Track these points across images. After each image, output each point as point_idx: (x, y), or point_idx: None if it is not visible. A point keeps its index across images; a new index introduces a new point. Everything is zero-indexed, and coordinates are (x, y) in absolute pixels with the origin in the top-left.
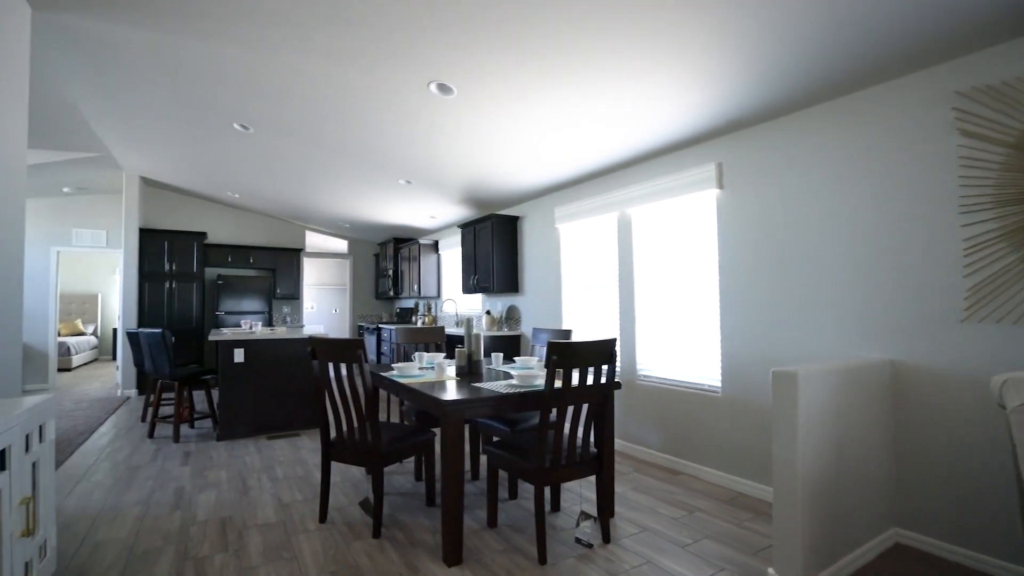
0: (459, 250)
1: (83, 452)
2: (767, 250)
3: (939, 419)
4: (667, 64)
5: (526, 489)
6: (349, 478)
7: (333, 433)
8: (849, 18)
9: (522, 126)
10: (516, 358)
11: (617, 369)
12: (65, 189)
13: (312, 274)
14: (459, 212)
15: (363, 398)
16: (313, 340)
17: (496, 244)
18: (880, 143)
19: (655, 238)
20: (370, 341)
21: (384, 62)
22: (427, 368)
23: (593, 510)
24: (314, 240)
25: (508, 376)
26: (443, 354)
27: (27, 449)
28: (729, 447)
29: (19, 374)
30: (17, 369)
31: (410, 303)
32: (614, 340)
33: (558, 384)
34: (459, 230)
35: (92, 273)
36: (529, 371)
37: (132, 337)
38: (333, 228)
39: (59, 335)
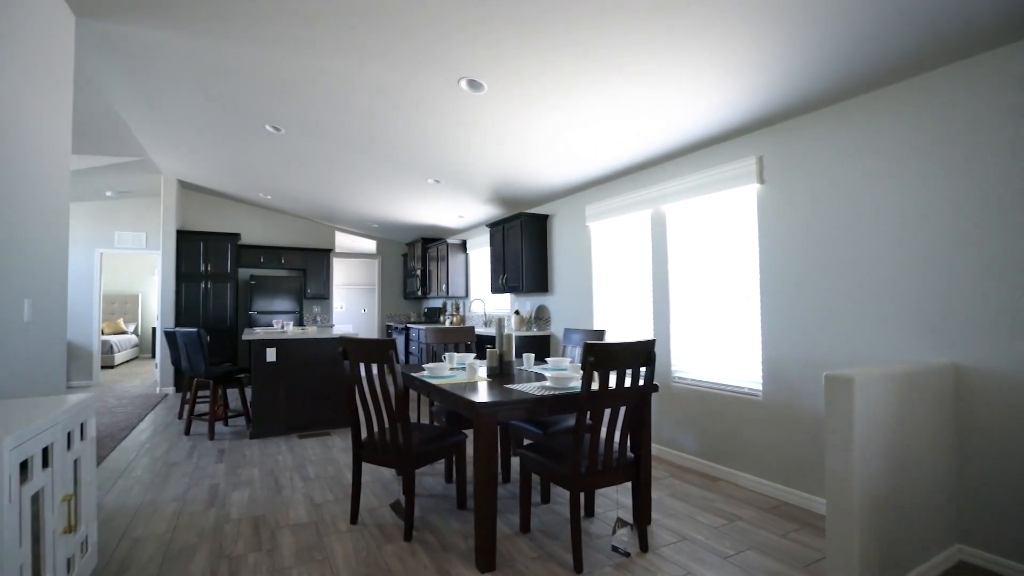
0: (487, 249)
1: (124, 448)
2: (812, 247)
3: (1008, 428)
4: (705, 55)
5: (558, 493)
6: (379, 478)
7: (364, 434)
8: None
9: (554, 123)
10: (548, 359)
11: None
12: (108, 193)
13: (341, 274)
14: (487, 211)
15: (394, 399)
16: (344, 340)
17: (525, 243)
18: (942, 130)
19: (691, 235)
20: (398, 341)
21: (415, 59)
22: (458, 369)
23: (629, 517)
24: (343, 241)
25: (540, 377)
26: (473, 354)
27: (69, 447)
28: (771, 453)
29: (64, 372)
30: (62, 367)
31: (438, 303)
32: (653, 341)
33: (595, 386)
34: (487, 229)
35: (133, 274)
36: (563, 372)
37: (169, 336)
38: (362, 228)
39: (103, 334)
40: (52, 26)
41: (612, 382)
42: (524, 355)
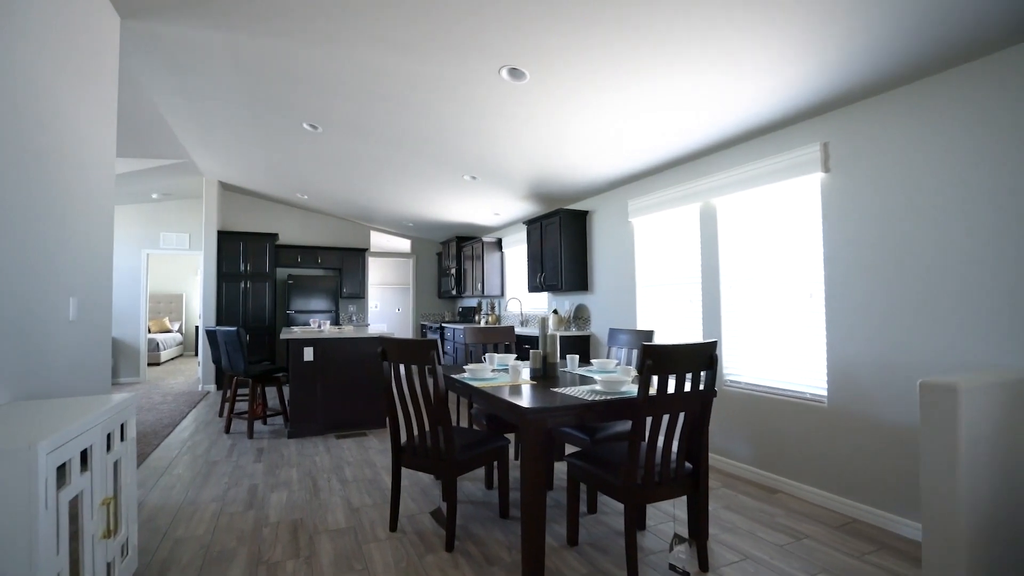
0: (524, 247)
1: (167, 445)
2: (886, 239)
3: None
4: (762, 36)
5: (605, 502)
6: (417, 483)
7: (403, 437)
8: None
9: (596, 114)
10: (593, 360)
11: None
12: (154, 195)
13: (376, 273)
14: (524, 208)
15: (435, 402)
16: (384, 341)
17: (564, 240)
18: None
19: (744, 229)
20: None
21: (453, 49)
22: (500, 370)
23: (685, 531)
24: (378, 240)
25: (586, 380)
26: (514, 355)
27: (108, 448)
28: (838, 465)
29: (109, 370)
30: (107, 365)
31: (473, 302)
32: (714, 343)
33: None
34: (524, 227)
35: (177, 274)
36: (612, 375)
37: (210, 335)
38: (397, 228)
39: (149, 332)
40: (98, 28)
41: (670, 387)
42: (568, 356)
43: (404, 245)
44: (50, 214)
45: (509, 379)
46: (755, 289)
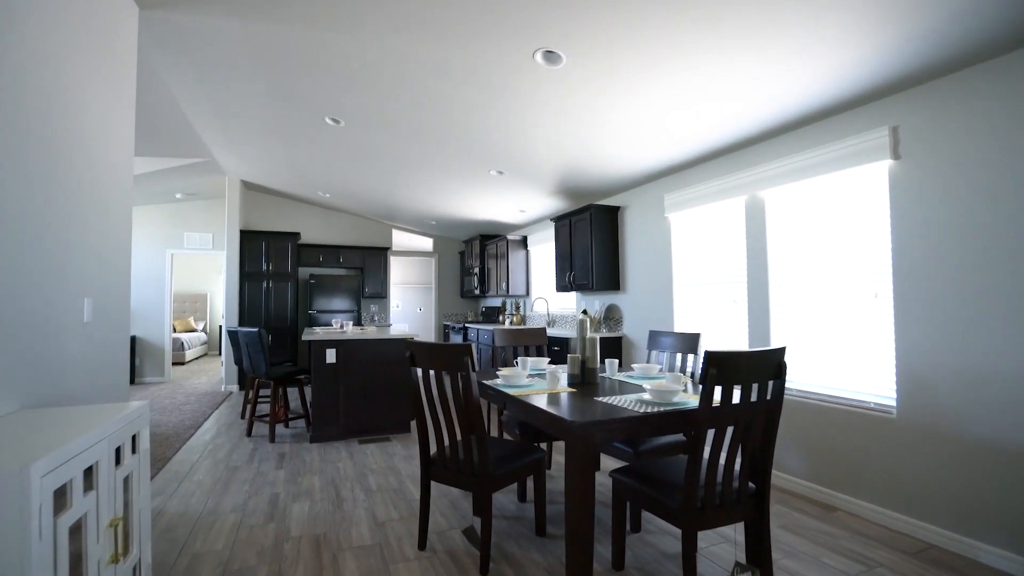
0: (550, 245)
1: (189, 448)
2: (967, 233)
3: None
4: (825, 8)
5: (648, 519)
6: (446, 494)
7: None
8: None
9: (635, 101)
10: (634, 365)
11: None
12: (178, 195)
13: (397, 273)
14: (551, 205)
15: (469, 412)
16: (413, 345)
17: (595, 237)
18: None
19: (796, 224)
20: (455, 340)
21: (486, 33)
22: (535, 376)
23: (742, 556)
24: (400, 239)
25: (628, 387)
26: (547, 359)
27: (118, 463)
28: (909, 483)
29: (126, 374)
30: (124, 369)
31: (497, 302)
32: (783, 350)
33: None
34: (552, 224)
35: (202, 274)
36: (659, 382)
37: (232, 336)
38: (419, 226)
39: (174, 331)
40: (116, 19)
41: (714, 396)
42: (607, 361)
43: (426, 244)
44: (62, 212)
45: (547, 386)
46: (809, 288)
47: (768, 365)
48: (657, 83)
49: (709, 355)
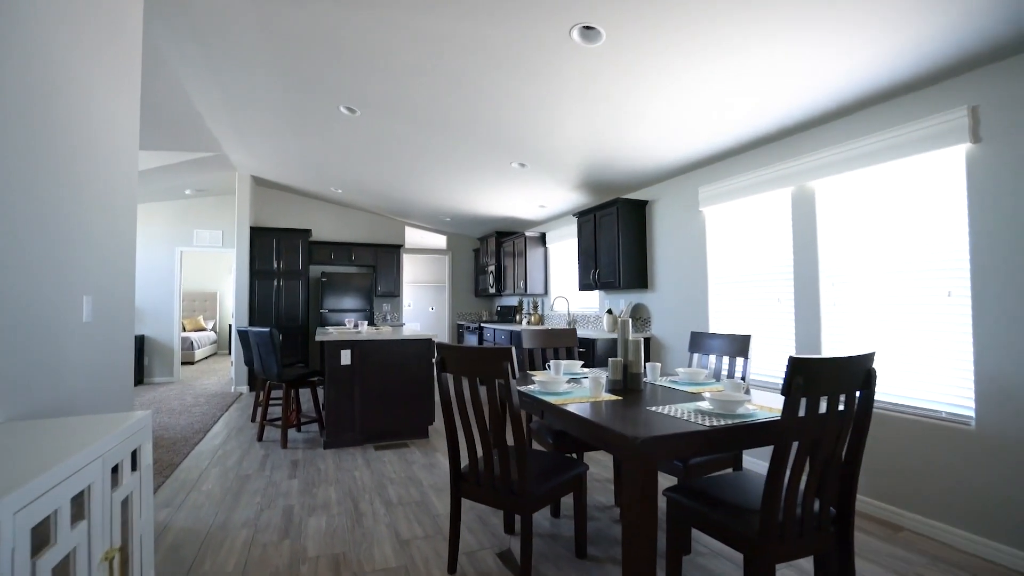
0: (571, 242)
1: (198, 454)
2: None
3: None
4: None
5: (698, 537)
6: (472, 507)
7: (464, 461)
8: None
9: (673, 85)
10: (679, 370)
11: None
12: (187, 191)
13: (409, 271)
14: (573, 199)
15: (510, 423)
16: (443, 349)
17: (622, 233)
18: None
19: (852, 216)
20: (471, 341)
21: (519, 8)
22: (572, 381)
23: None
24: (412, 237)
25: (676, 394)
26: (580, 362)
27: (115, 485)
28: (993, 503)
29: (130, 377)
30: (128, 372)
31: (513, 301)
32: (871, 356)
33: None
34: (573, 220)
35: (212, 272)
36: (712, 387)
37: (243, 336)
38: (433, 223)
39: (184, 330)
40: (119, 4)
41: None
42: (648, 365)
43: (439, 242)
44: (62, 204)
45: (588, 393)
46: (868, 286)
47: (857, 373)
48: (706, 65)
49: (795, 362)
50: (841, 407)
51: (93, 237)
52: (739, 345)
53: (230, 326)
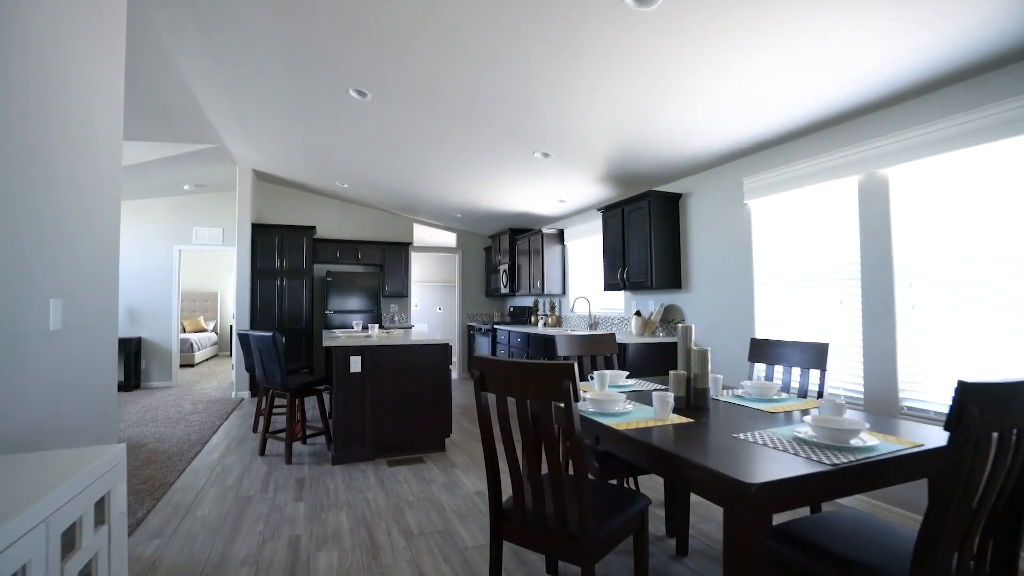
0: (593, 239)
1: (194, 471)
2: None
3: None
4: None
5: None
6: None
7: (506, 494)
8: None
9: (742, 55)
10: (745, 383)
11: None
12: (186, 187)
13: (415, 270)
14: (596, 193)
15: (572, 454)
16: (483, 363)
17: (654, 229)
18: None
19: (937, 206)
20: (482, 343)
21: None
22: (627, 394)
23: None
24: (420, 234)
25: (753, 414)
26: (625, 372)
27: (69, 552)
28: None
29: (113, 391)
30: (110, 385)
31: (528, 301)
32: None
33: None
34: (598, 215)
35: (212, 271)
36: (811, 408)
37: (243, 340)
38: (442, 220)
39: (184, 331)
40: None
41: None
42: (711, 378)
43: (449, 240)
44: (23, 194)
45: (653, 414)
46: (958, 287)
47: None
48: (776, 31)
49: (966, 388)
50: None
51: (65, 230)
52: (815, 355)
53: (231, 327)
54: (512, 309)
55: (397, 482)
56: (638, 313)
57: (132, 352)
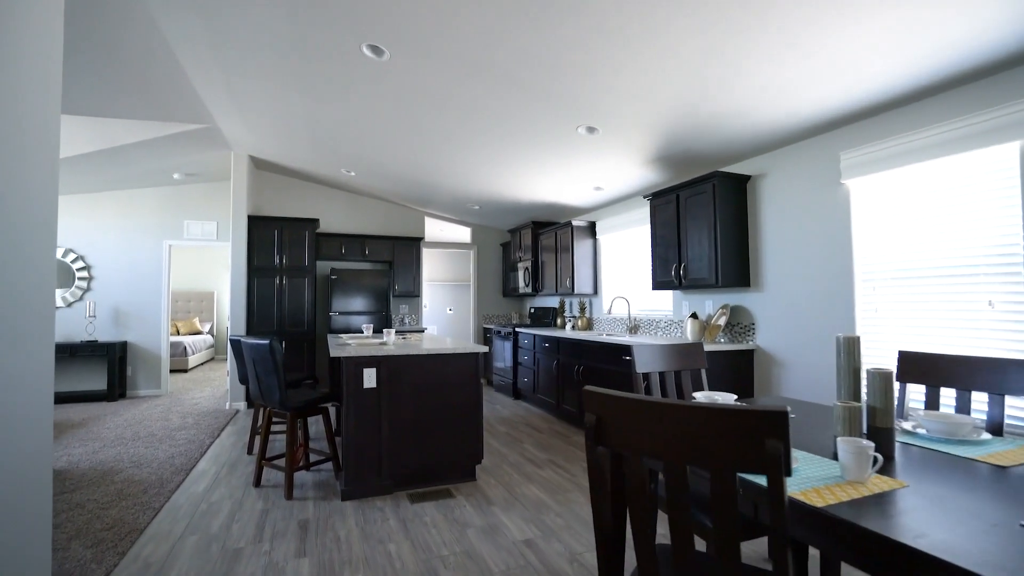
0: (632, 232)
1: (173, 508)
2: None
3: None
4: None
5: None
6: None
7: None
8: None
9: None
10: (919, 412)
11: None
12: (176, 176)
13: (425, 269)
14: (641, 178)
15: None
16: (602, 401)
17: (720, 217)
18: None
19: None
20: (502, 348)
21: None
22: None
23: None
24: (431, 229)
25: (965, 465)
26: (733, 395)
27: None
28: None
29: (48, 425)
30: (44, 418)
31: (552, 302)
32: None
33: None
34: (643, 203)
35: (208, 269)
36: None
37: (235, 346)
38: (457, 213)
39: (178, 334)
40: None
41: None
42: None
43: (463, 235)
44: None
45: (842, 473)
46: None
47: None
48: None
49: None
50: None
51: None
52: (1019, 376)
53: (228, 329)
54: (533, 310)
55: (423, 526)
56: (694, 315)
57: (116, 358)
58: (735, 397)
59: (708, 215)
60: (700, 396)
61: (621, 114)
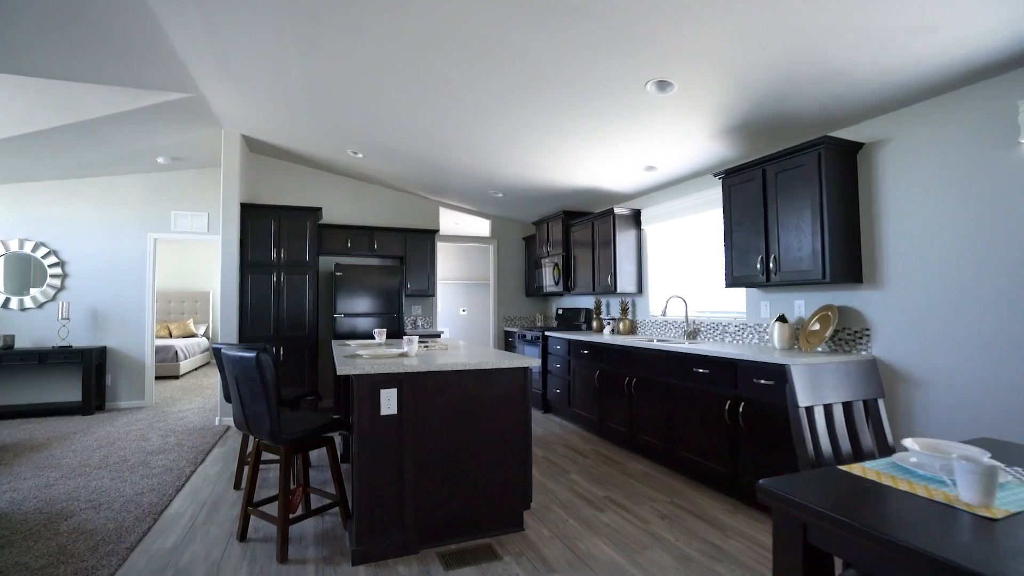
0: (688, 220)
1: (131, 571)
2: None
3: None
4: None
5: None
6: None
7: None
8: None
9: None
10: None
11: None
12: (160, 159)
13: (438, 265)
14: (710, 153)
15: None
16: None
17: (827, 196)
18: None
19: None
20: (528, 352)
21: None
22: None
23: None
24: (446, 223)
25: None
26: (981, 451)
27: None
28: None
29: None
30: None
31: (582, 302)
32: None
33: None
34: (712, 183)
35: (203, 266)
36: None
37: (217, 357)
38: (476, 204)
39: (170, 336)
40: None
41: None
42: (911, 442)
43: (481, 227)
44: None
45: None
46: None
47: None
48: None
49: None
50: None
51: None
52: None
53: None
54: (560, 312)
55: None
56: (782, 318)
57: (93, 366)
58: (989, 454)
59: (811, 193)
60: (913, 445)
61: (706, 62)
